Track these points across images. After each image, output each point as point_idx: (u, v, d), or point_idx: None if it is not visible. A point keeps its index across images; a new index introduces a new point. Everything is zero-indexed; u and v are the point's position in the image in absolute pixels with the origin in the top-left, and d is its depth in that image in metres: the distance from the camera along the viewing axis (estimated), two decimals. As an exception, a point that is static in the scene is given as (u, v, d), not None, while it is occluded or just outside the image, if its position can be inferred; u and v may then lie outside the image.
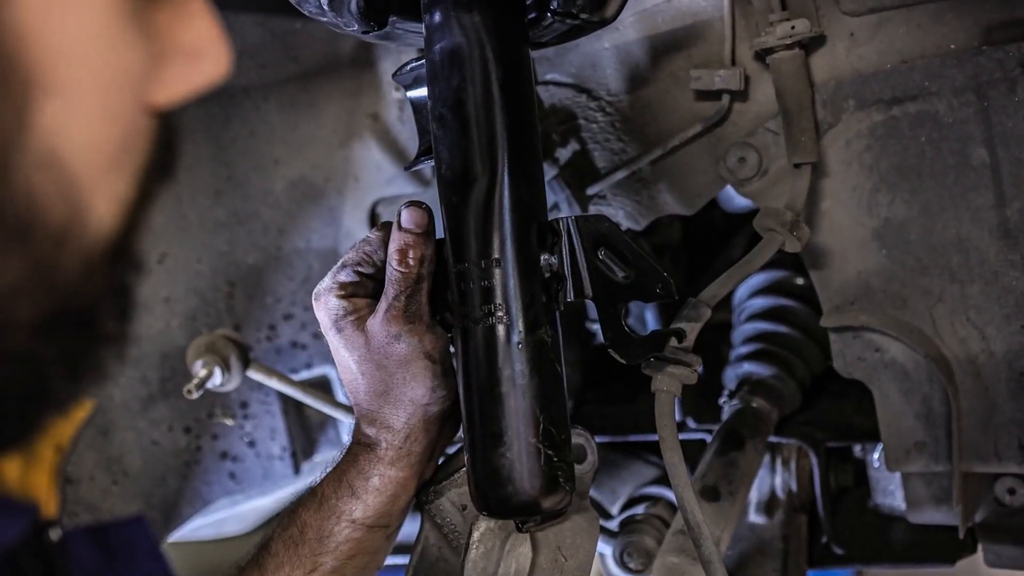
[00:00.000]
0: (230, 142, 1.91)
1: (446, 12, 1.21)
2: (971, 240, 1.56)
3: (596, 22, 1.30)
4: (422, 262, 1.23)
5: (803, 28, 1.52)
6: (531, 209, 1.22)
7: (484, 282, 1.18)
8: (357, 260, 1.27)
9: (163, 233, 1.89)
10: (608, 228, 1.23)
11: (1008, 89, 1.48)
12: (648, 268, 1.22)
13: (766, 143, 1.64)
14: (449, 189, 1.21)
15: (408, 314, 1.22)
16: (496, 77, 1.20)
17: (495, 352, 1.18)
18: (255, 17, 1.79)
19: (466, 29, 1.19)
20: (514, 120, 1.20)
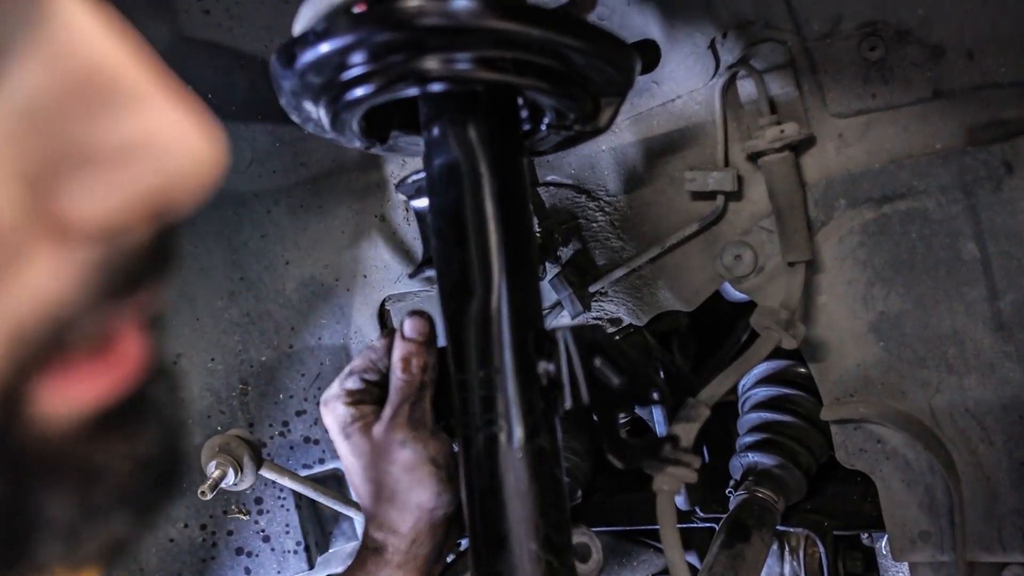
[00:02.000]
0: (242, 245, 1.96)
1: (443, 128, 1.25)
2: (966, 332, 1.59)
3: (590, 132, 1.35)
4: (425, 370, 1.27)
5: (792, 132, 1.57)
6: (528, 319, 1.25)
7: (484, 391, 1.20)
8: (363, 368, 1.31)
9: (178, 335, 1.94)
10: (603, 337, 1.26)
11: (994, 187, 1.52)
12: (643, 375, 1.25)
13: (761, 241, 1.68)
14: (449, 300, 1.25)
15: (412, 421, 1.25)
16: (492, 192, 1.23)
17: (496, 460, 1.20)
18: (265, 126, 1.86)
19: (462, 145, 1.23)
20: (510, 232, 1.24)
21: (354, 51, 1.12)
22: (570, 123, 1.30)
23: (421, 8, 1.08)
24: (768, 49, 1.60)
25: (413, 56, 1.12)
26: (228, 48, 1.79)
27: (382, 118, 1.33)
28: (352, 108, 1.22)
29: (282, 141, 1.89)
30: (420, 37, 1.11)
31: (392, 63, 1.13)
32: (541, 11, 1.18)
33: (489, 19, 1.09)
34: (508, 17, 1.11)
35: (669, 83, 1.68)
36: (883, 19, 1.51)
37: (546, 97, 1.23)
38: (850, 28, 1.53)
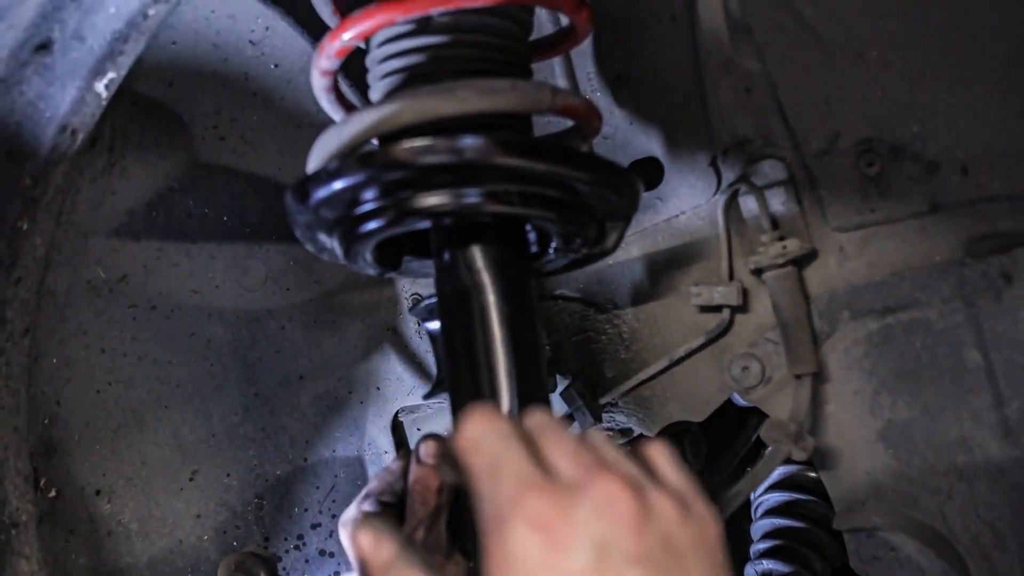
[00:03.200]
0: (257, 361, 1.98)
1: (453, 256, 1.28)
2: (974, 439, 1.60)
3: (597, 254, 1.38)
4: (439, 493, 1.27)
5: (794, 247, 1.60)
6: None
7: None
8: (379, 490, 1.32)
9: (194, 451, 1.95)
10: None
11: (994, 297, 1.54)
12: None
13: (768, 353, 1.69)
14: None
15: (427, 544, 1.25)
16: (501, 317, 1.25)
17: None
18: (278, 245, 1.89)
19: (472, 272, 1.26)
20: (520, 356, 1.25)
21: (366, 188, 1.16)
22: (577, 247, 1.33)
23: (429, 147, 1.12)
24: (768, 166, 1.63)
25: (422, 192, 1.16)
26: (243, 172, 1.84)
27: (394, 245, 1.37)
28: (365, 240, 1.26)
29: (296, 259, 1.92)
30: (429, 175, 1.15)
31: (402, 199, 1.17)
32: (545, 146, 1.22)
33: (495, 156, 1.13)
34: (514, 153, 1.14)
35: (673, 199, 1.72)
36: (879, 136, 1.55)
37: (552, 225, 1.27)
38: (847, 145, 1.57)
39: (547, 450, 0.85)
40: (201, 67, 1.69)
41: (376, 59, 1.33)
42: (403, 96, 1.21)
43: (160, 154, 1.75)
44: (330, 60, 1.30)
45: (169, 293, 1.85)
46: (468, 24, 1.29)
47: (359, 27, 1.24)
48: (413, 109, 1.19)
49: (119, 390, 1.84)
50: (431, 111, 1.19)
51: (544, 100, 1.26)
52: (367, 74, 1.38)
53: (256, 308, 1.96)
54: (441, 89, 1.20)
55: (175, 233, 1.82)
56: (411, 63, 1.29)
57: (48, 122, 1.41)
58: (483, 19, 1.30)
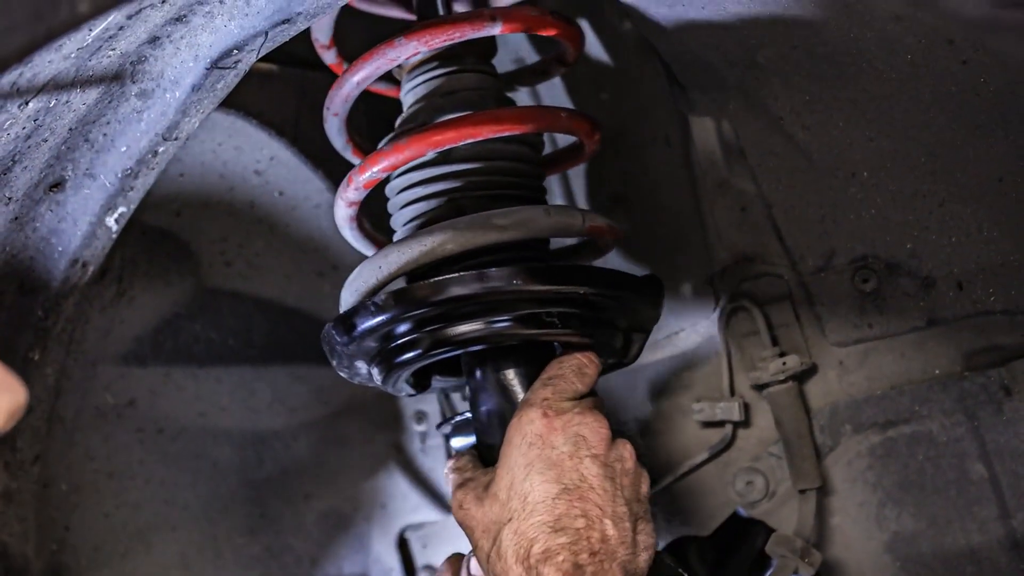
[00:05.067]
0: (263, 482, 1.96)
1: (486, 378, 1.31)
2: (982, 551, 1.57)
3: (621, 364, 1.43)
4: None
5: (794, 364, 1.59)
6: None
7: None
8: None
9: (201, 572, 1.92)
10: (660, 560, 1.31)
11: (995, 410, 1.53)
12: None
13: (771, 467, 1.68)
14: None
15: None
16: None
17: None
18: (284, 367, 1.89)
19: (506, 393, 1.29)
20: None
21: (408, 321, 1.20)
22: (603, 359, 1.35)
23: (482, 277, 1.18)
24: (766, 283, 1.64)
25: (454, 322, 1.21)
26: (248, 296, 1.84)
27: (424, 370, 1.38)
28: (405, 367, 1.29)
29: (301, 379, 1.92)
30: (458, 307, 1.19)
31: (437, 329, 1.21)
32: (572, 268, 1.25)
33: (522, 283, 1.18)
34: (539, 279, 1.20)
35: (672, 317, 1.72)
36: (873, 253, 1.55)
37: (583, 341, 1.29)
38: (842, 262, 1.57)
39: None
40: (208, 197, 1.71)
41: (398, 188, 1.36)
42: (443, 227, 1.23)
43: (167, 281, 1.76)
44: (358, 191, 1.32)
45: (176, 416, 1.85)
46: (491, 151, 1.33)
47: (390, 160, 1.27)
48: (455, 241, 1.22)
49: (127, 513, 1.82)
50: (471, 242, 1.23)
51: (576, 224, 1.32)
52: (387, 202, 1.40)
53: (262, 429, 1.95)
54: (480, 220, 1.23)
55: (182, 357, 1.82)
56: (437, 191, 1.32)
57: (60, 256, 1.42)
58: (505, 145, 1.33)
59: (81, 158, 1.33)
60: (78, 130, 1.28)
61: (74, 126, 1.26)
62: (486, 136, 1.27)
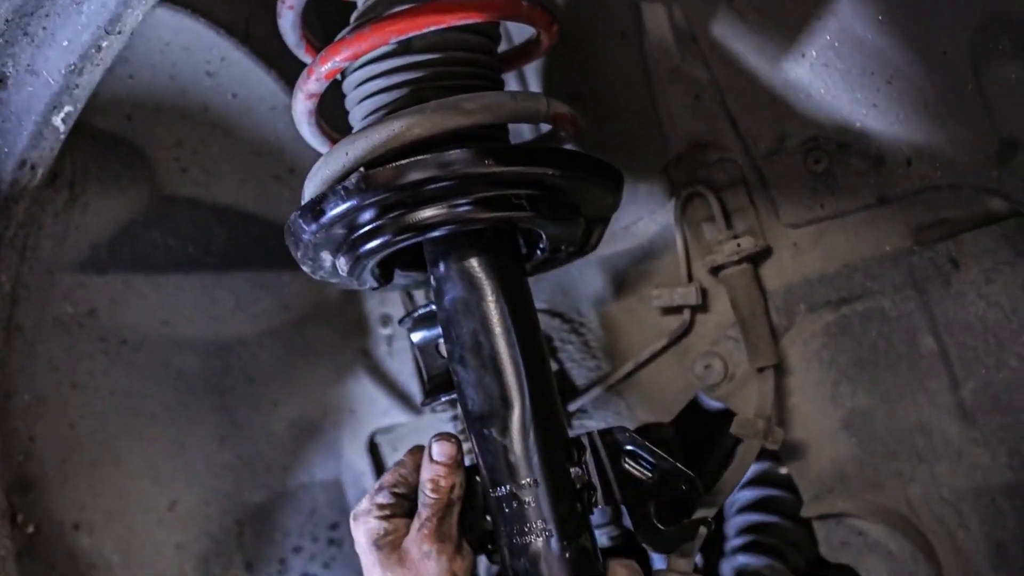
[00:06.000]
0: (230, 390, 1.96)
1: (452, 266, 1.31)
2: (933, 422, 1.60)
3: (581, 252, 1.45)
4: (452, 490, 1.29)
5: (748, 245, 1.61)
6: (555, 430, 1.30)
7: (524, 504, 1.25)
8: (393, 482, 1.33)
9: (171, 482, 1.92)
10: (629, 438, 1.31)
11: (944, 283, 1.55)
12: (672, 469, 1.31)
13: (729, 350, 1.70)
14: (479, 423, 1.29)
15: (439, 534, 1.27)
16: (505, 319, 1.29)
17: (542, 565, 1.25)
18: (245, 273, 1.88)
19: (473, 279, 1.30)
20: (527, 353, 1.29)
21: (381, 204, 1.19)
22: (564, 246, 1.37)
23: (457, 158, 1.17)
24: (720, 169, 1.65)
25: (430, 204, 1.20)
26: (206, 202, 1.83)
27: (388, 261, 1.38)
28: (372, 256, 1.28)
29: (263, 286, 1.91)
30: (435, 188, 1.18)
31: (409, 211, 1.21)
32: (542, 150, 1.25)
33: (494, 163, 1.17)
34: (513, 160, 1.20)
35: (630, 206, 1.72)
36: (824, 134, 1.56)
37: (545, 225, 1.30)
38: (794, 144, 1.58)
39: None
40: (159, 100, 1.68)
41: (357, 81, 1.34)
42: (411, 113, 1.22)
43: (122, 188, 1.74)
44: (319, 83, 1.30)
45: (138, 326, 1.84)
46: (451, 42, 1.32)
47: (353, 48, 1.25)
48: (422, 125, 1.21)
49: (93, 424, 1.82)
50: (439, 126, 1.22)
51: (540, 110, 1.32)
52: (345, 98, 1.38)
53: (226, 337, 1.95)
54: (448, 104, 1.22)
55: (141, 266, 1.81)
56: (398, 82, 1.31)
57: (6, 157, 1.40)
58: (464, 36, 1.32)
59: (21, 53, 1.30)
60: (15, 22, 1.25)
61: (10, 17, 1.24)
62: (449, 24, 1.25)
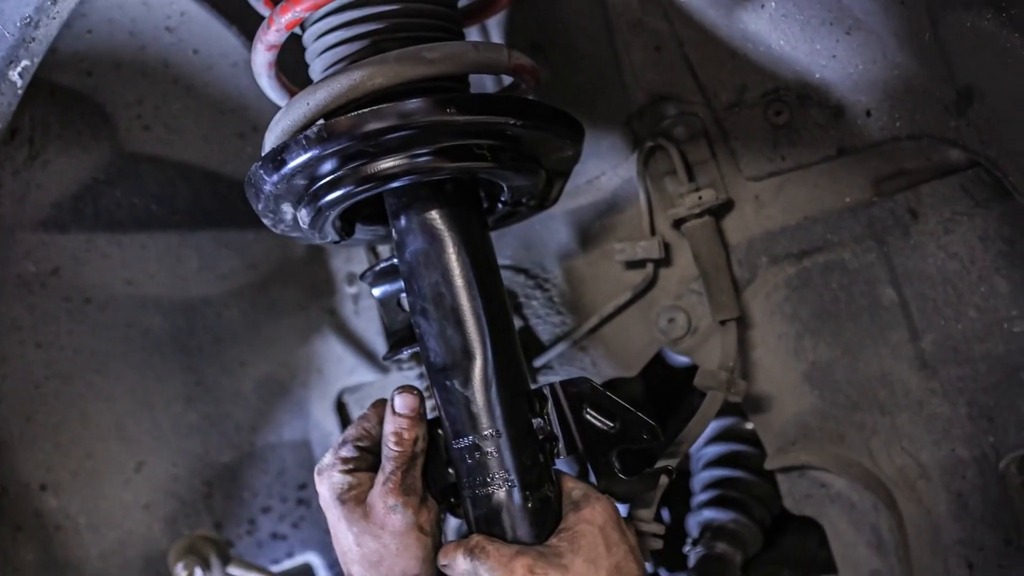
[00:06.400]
0: (196, 350, 1.96)
1: (413, 218, 1.30)
2: (894, 374, 1.61)
3: (542, 206, 1.45)
4: (416, 442, 1.28)
5: (709, 197, 1.61)
6: (517, 381, 1.30)
7: (486, 454, 1.25)
8: (357, 436, 1.33)
9: (138, 442, 1.92)
10: (590, 387, 1.32)
11: (903, 233, 1.56)
12: (633, 418, 1.32)
13: (692, 304, 1.70)
14: (441, 375, 1.29)
15: (404, 487, 1.26)
16: (467, 270, 1.29)
17: (504, 516, 1.25)
18: (210, 232, 1.87)
19: (434, 231, 1.29)
20: (489, 305, 1.29)
21: (343, 154, 1.18)
22: (525, 199, 1.36)
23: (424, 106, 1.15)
24: (682, 122, 1.64)
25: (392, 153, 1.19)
26: (169, 160, 1.81)
27: (349, 213, 1.37)
28: (333, 207, 1.27)
29: (228, 245, 1.90)
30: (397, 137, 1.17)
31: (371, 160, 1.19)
32: (503, 99, 1.24)
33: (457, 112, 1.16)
34: (477, 109, 1.19)
35: (592, 160, 1.72)
36: (784, 85, 1.56)
37: (506, 177, 1.30)
38: (755, 96, 1.58)
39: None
40: (119, 56, 1.67)
41: (317, 33, 1.33)
42: (372, 63, 1.21)
43: (83, 145, 1.72)
44: (279, 33, 1.29)
45: (102, 285, 1.83)
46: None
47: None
48: (384, 74, 1.20)
49: (58, 384, 1.81)
50: (400, 76, 1.21)
51: (502, 60, 1.31)
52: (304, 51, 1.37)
53: (192, 296, 1.94)
54: (409, 54, 1.22)
55: (104, 224, 1.79)
56: (359, 33, 1.29)
57: (-37, 112, 1.39)
58: None
59: (-25, 4, 1.29)
60: (-33, -28, 1.24)
61: (-38, -33, 1.22)
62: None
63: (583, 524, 1.22)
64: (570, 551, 1.19)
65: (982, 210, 1.51)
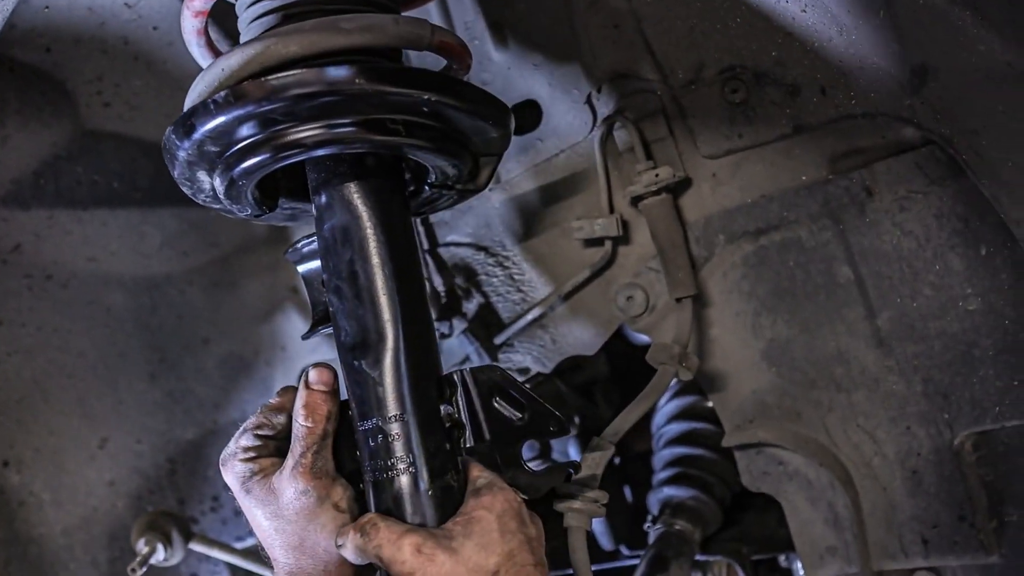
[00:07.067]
0: (159, 327, 1.95)
1: (332, 194, 1.27)
2: (850, 351, 1.61)
3: (471, 190, 1.37)
4: (328, 418, 1.26)
5: (666, 175, 1.60)
6: (427, 365, 1.26)
7: (390, 438, 1.21)
8: (257, 424, 1.29)
9: (102, 419, 1.91)
10: (501, 376, 1.28)
11: (859, 211, 1.55)
12: (541, 409, 1.27)
13: (650, 281, 1.70)
14: (350, 354, 1.25)
15: (315, 470, 1.23)
16: (384, 250, 1.25)
17: (405, 501, 1.20)
18: (172, 210, 1.86)
19: (352, 208, 1.25)
20: (404, 286, 1.25)
21: (254, 119, 1.14)
22: (452, 182, 1.33)
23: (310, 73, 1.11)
24: (640, 99, 1.64)
25: (294, 123, 1.14)
26: (130, 137, 1.80)
27: (272, 187, 1.34)
28: (247, 176, 1.23)
29: (191, 223, 1.89)
30: (298, 105, 1.12)
31: (277, 131, 1.15)
32: (423, 73, 1.21)
33: (364, 82, 1.12)
34: (380, 80, 1.13)
35: (552, 139, 1.72)
36: (741, 63, 1.56)
37: (429, 157, 1.26)
38: (712, 74, 1.58)
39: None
40: (78, 32, 1.65)
41: (248, 2, 1.31)
42: (288, 31, 1.19)
43: (44, 122, 1.71)
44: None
45: (64, 262, 1.82)
46: None
47: None
48: (298, 42, 1.17)
49: (19, 361, 1.80)
50: (315, 45, 1.17)
51: (424, 36, 1.26)
52: (237, 20, 1.35)
53: (154, 274, 1.93)
54: (325, 24, 1.19)
55: (65, 201, 1.78)
56: (288, 2, 1.26)
57: (-83, 85, 1.37)
58: None
59: (-74, -25, 1.27)
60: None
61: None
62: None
63: (480, 511, 1.19)
64: (462, 535, 1.16)
65: (937, 188, 1.51)
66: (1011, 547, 1.58)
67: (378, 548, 1.15)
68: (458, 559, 1.13)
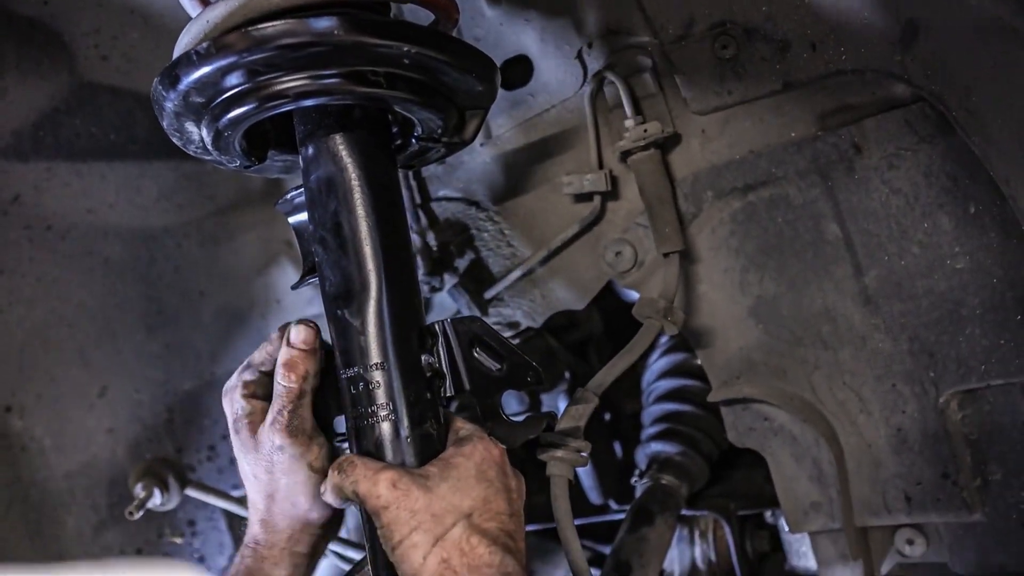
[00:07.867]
0: (156, 279, 1.95)
1: (318, 145, 1.27)
2: (837, 309, 1.60)
3: (457, 143, 1.37)
4: (305, 378, 1.26)
5: (655, 130, 1.59)
6: (409, 315, 1.26)
7: (371, 385, 1.21)
8: (260, 360, 1.31)
9: (101, 368, 1.92)
10: (481, 327, 1.28)
11: (847, 169, 1.54)
12: (519, 361, 1.27)
13: (639, 237, 1.69)
14: (333, 304, 1.26)
15: (291, 428, 1.24)
16: (368, 201, 1.24)
17: (386, 447, 1.21)
18: (168, 162, 1.86)
19: (337, 160, 1.25)
20: (387, 237, 1.25)
21: (238, 69, 1.13)
22: (438, 135, 1.32)
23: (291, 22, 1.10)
24: (630, 55, 1.62)
25: (276, 73, 1.14)
26: (128, 90, 1.80)
27: (261, 139, 1.34)
28: (233, 127, 1.23)
29: (187, 176, 1.89)
30: (281, 55, 1.12)
31: (259, 82, 1.14)
32: (406, 25, 1.20)
33: (343, 32, 1.11)
34: (360, 31, 1.12)
35: (543, 94, 1.70)
36: (731, 19, 1.53)
37: (414, 110, 1.25)
38: (702, 30, 1.56)
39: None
40: (74, -17, 1.65)
41: None
42: None
43: (42, 74, 1.71)
44: None
45: (63, 213, 1.82)
46: None
47: None
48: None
49: (20, 310, 1.81)
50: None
51: None
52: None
53: (151, 226, 1.93)
54: None
55: (64, 153, 1.78)
56: None
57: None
58: None
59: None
60: None
61: None
62: None
63: (459, 457, 1.20)
64: (439, 476, 1.17)
65: (926, 145, 1.49)
66: (994, 505, 1.57)
67: (355, 483, 1.16)
68: (432, 496, 1.14)
